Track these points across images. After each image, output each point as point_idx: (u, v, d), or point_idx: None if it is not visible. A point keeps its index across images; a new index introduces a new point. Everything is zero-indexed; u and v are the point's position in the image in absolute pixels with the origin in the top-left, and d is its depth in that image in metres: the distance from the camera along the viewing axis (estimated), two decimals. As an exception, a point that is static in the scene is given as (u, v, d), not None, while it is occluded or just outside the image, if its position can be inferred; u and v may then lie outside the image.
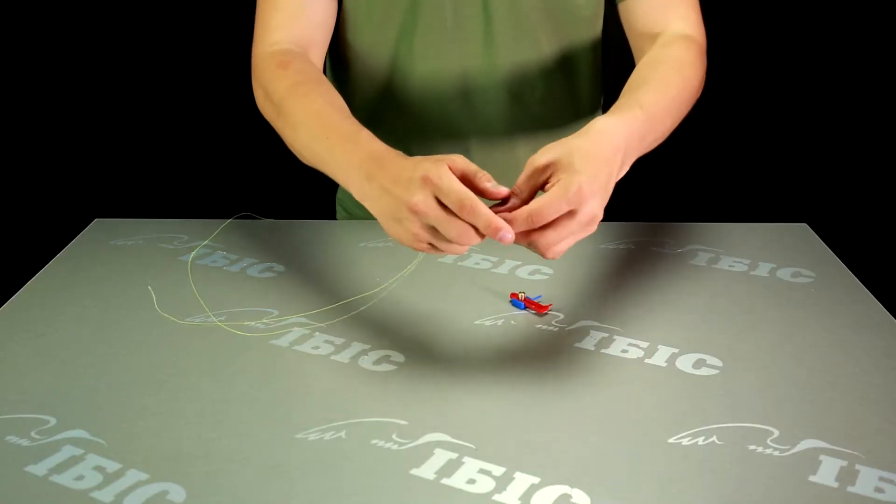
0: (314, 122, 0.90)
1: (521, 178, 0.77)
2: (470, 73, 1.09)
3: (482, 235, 0.73)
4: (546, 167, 0.76)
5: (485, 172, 0.75)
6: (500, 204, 0.77)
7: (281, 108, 0.95)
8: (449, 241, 0.74)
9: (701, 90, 1.03)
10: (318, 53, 1.06)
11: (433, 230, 0.74)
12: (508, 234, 0.72)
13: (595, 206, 0.74)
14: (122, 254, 1.09)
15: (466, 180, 0.75)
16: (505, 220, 0.73)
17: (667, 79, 0.93)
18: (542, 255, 0.76)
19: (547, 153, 0.76)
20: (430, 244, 0.75)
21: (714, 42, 1.79)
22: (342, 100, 0.94)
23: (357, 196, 0.82)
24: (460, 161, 0.75)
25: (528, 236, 0.75)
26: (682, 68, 0.96)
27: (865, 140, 1.88)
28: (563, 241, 0.75)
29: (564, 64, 1.11)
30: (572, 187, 0.73)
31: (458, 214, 0.72)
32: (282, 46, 1.02)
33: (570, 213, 0.74)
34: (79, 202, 1.86)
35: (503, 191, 0.75)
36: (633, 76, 0.95)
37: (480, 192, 0.75)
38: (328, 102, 0.92)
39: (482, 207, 0.71)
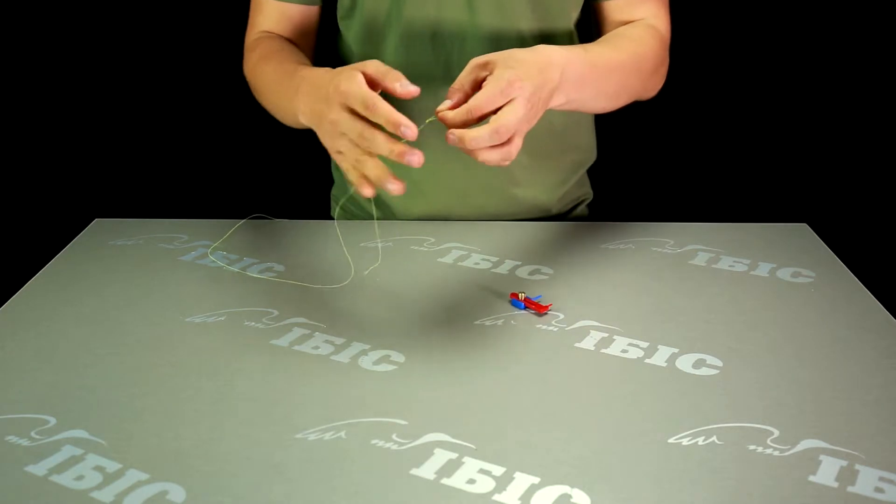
0: (272, 84, 1.02)
1: (463, 73, 0.84)
2: (455, 67, 1.09)
3: (394, 140, 0.79)
4: (486, 64, 0.83)
5: (396, 72, 0.82)
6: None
7: (253, 87, 1.10)
8: (366, 150, 0.80)
9: (658, 77, 1.09)
10: (302, 47, 1.15)
11: (355, 145, 0.81)
12: (409, 130, 0.78)
13: (524, 97, 0.80)
14: (122, 254, 1.09)
15: (376, 84, 0.82)
16: (446, 115, 0.81)
17: (619, 45, 1.02)
18: (473, 154, 0.81)
19: (488, 55, 0.84)
20: (353, 165, 0.82)
21: (714, 42, 1.79)
22: (297, 53, 1.06)
23: (307, 122, 0.91)
24: (371, 66, 0.83)
25: (463, 135, 0.80)
26: (638, 44, 1.04)
27: (865, 140, 1.87)
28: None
29: None
30: (503, 79, 0.80)
31: (364, 115, 0.79)
32: (258, 37, 1.13)
33: (509, 106, 0.79)
34: (79, 202, 1.86)
35: (413, 90, 0.81)
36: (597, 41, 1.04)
37: (390, 92, 0.82)
38: (279, 61, 1.04)
39: (384, 105, 0.78)
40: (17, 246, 1.83)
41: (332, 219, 1.31)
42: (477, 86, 0.84)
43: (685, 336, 0.89)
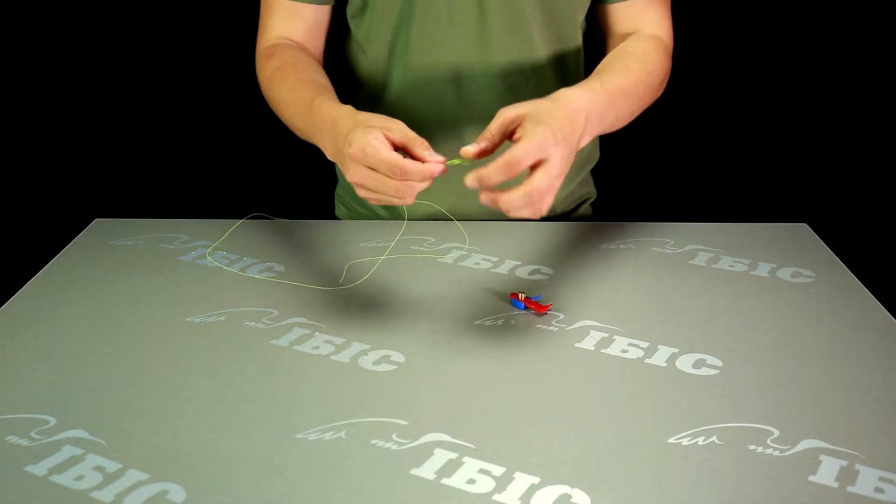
0: (290, 101, 1.01)
1: (492, 124, 0.85)
2: (464, 67, 1.09)
3: (428, 179, 0.81)
4: (514, 119, 0.84)
5: (422, 140, 0.83)
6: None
7: (268, 95, 1.08)
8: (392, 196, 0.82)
9: (664, 87, 1.11)
10: (313, 50, 1.14)
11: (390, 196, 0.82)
12: (440, 167, 0.81)
13: (559, 157, 0.82)
14: (122, 254, 1.09)
15: (405, 149, 0.83)
16: (482, 174, 0.79)
17: (630, 66, 1.03)
18: (504, 211, 0.81)
19: (517, 107, 0.85)
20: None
21: (714, 42, 1.79)
22: (315, 71, 1.05)
23: (332, 160, 0.92)
24: (397, 132, 0.83)
25: (496, 197, 0.80)
26: (645, 61, 1.05)
27: (865, 140, 1.87)
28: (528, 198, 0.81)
29: (556, 58, 1.13)
30: (538, 135, 0.81)
31: (392, 178, 0.80)
32: (273, 42, 1.11)
33: (543, 168, 0.80)
34: (79, 202, 1.86)
35: (439, 158, 0.82)
36: (601, 63, 1.04)
37: (418, 160, 0.82)
38: (299, 79, 1.03)
39: (412, 165, 0.79)
40: (17, 246, 1.83)
41: (336, 218, 1.31)
42: (506, 136, 0.85)
43: (685, 336, 0.89)
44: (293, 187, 1.71)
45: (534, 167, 0.81)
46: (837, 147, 1.89)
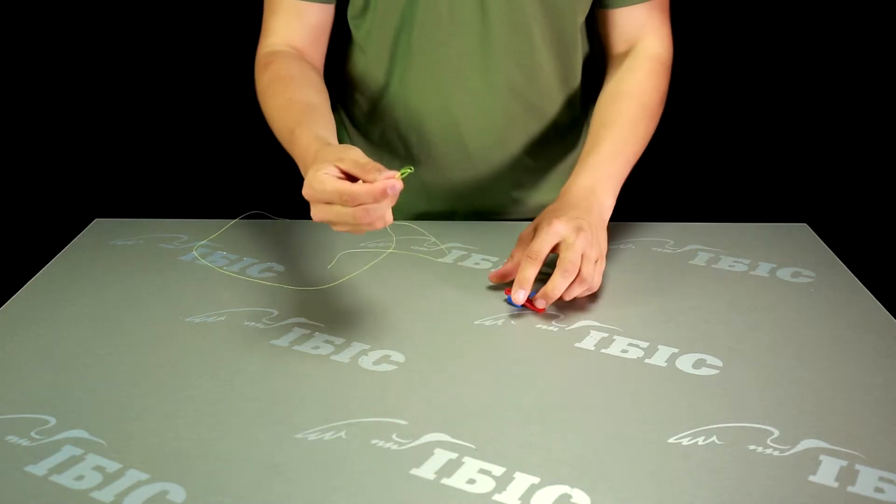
0: (278, 123, 1.00)
1: (515, 250, 0.99)
2: (465, 67, 1.09)
3: (380, 198, 0.77)
4: (530, 232, 0.97)
5: (374, 164, 0.80)
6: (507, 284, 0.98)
7: (262, 107, 1.06)
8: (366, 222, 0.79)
9: (664, 101, 1.12)
10: (314, 53, 1.11)
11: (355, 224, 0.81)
12: (395, 185, 0.77)
13: (572, 233, 0.92)
14: (122, 254, 1.09)
15: (358, 177, 0.80)
16: (519, 277, 0.91)
17: (624, 110, 1.07)
18: (563, 296, 0.92)
19: (529, 225, 0.98)
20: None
21: (714, 42, 1.79)
22: (307, 86, 1.03)
23: None
24: (348, 161, 0.80)
25: (545, 291, 0.91)
26: (640, 94, 1.08)
27: (865, 140, 1.88)
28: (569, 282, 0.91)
29: (556, 59, 1.12)
30: (544, 229, 0.92)
31: (346, 206, 0.78)
32: (273, 48, 1.09)
33: (562, 246, 0.92)
34: (79, 202, 1.86)
35: (390, 174, 0.79)
36: (596, 113, 1.09)
37: (370, 183, 0.79)
38: (288, 99, 1.01)
39: (358, 188, 0.77)
40: (17, 246, 1.83)
41: None
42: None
43: (685, 336, 0.89)
44: (293, 187, 1.71)
45: (556, 252, 0.93)
46: (837, 147, 1.89)
